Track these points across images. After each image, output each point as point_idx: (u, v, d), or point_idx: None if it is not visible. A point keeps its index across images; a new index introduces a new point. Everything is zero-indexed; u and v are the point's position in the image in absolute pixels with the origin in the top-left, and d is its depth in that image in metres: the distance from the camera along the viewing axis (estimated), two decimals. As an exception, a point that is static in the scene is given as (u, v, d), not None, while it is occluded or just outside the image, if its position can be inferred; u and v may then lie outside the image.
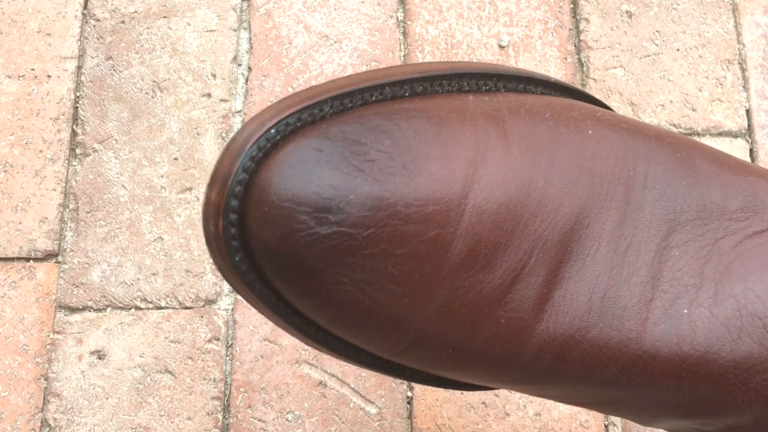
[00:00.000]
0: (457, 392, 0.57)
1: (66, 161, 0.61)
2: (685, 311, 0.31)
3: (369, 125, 0.27)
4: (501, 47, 0.65)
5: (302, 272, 0.27)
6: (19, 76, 0.63)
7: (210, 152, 0.62)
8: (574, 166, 0.30)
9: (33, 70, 0.63)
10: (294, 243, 0.26)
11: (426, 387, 0.57)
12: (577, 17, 0.67)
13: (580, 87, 0.65)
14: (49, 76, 0.63)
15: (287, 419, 0.56)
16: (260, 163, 0.26)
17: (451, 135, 0.28)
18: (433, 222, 0.27)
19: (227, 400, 0.56)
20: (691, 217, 0.32)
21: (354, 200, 0.26)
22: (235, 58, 0.64)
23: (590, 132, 0.31)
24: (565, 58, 0.65)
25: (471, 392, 0.57)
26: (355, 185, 0.26)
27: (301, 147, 0.26)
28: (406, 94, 0.29)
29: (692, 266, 0.32)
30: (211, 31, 0.65)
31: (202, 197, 0.61)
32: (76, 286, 0.59)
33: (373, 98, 0.28)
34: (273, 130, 0.26)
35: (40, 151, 0.61)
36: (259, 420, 0.56)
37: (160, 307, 0.58)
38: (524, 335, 0.30)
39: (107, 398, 0.56)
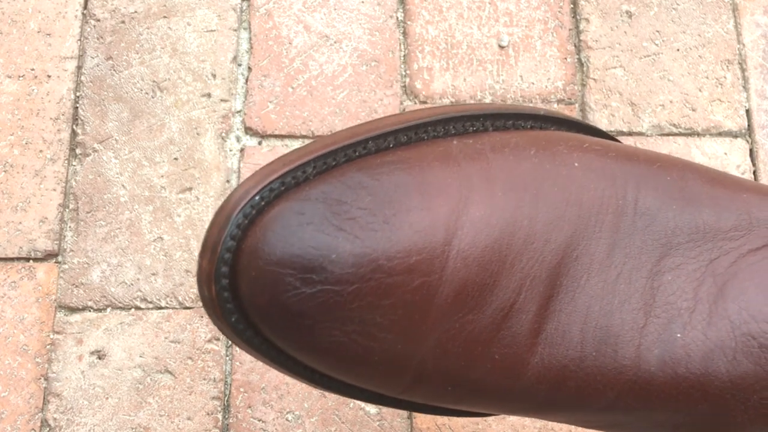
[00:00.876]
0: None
1: (66, 161, 0.61)
2: (678, 335, 0.31)
3: (350, 183, 0.28)
4: (501, 47, 0.65)
5: (294, 329, 0.28)
6: (19, 76, 0.63)
7: (210, 152, 0.62)
8: (560, 200, 0.31)
9: (33, 70, 0.63)
10: (282, 303, 0.27)
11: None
12: (577, 17, 0.67)
13: (580, 86, 0.65)
14: (49, 76, 0.63)
15: (287, 419, 0.56)
16: (246, 230, 0.28)
17: (433, 184, 0.29)
18: (417, 271, 0.28)
19: (227, 400, 0.56)
20: (683, 240, 0.32)
21: (336, 259, 0.27)
22: (235, 58, 0.64)
23: (576, 164, 0.32)
24: (565, 58, 0.65)
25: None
26: (336, 245, 0.27)
27: (283, 212, 0.27)
28: (391, 146, 0.30)
29: (685, 289, 0.32)
30: (211, 31, 0.65)
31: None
32: (76, 286, 0.59)
33: (357, 154, 0.29)
34: (257, 197, 0.28)
35: (40, 151, 0.61)
36: (259, 420, 0.56)
37: (160, 307, 0.58)
38: (519, 369, 0.31)
39: (107, 398, 0.56)
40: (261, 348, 0.30)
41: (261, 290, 0.27)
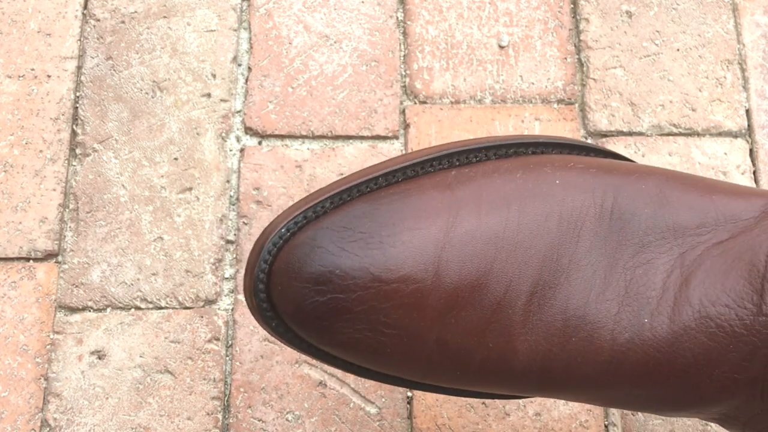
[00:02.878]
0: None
1: (66, 161, 0.61)
2: (646, 320, 0.36)
3: (356, 213, 0.35)
4: (501, 47, 0.65)
5: (316, 329, 0.35)
6: (19, 76, 0.63)
7: (210, 152, 0.62)
8: (541, 213, 0.36)
9: (33, 70, 0.63)
10: (304, 310, 0.34)
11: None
12: (577, 17, 0.67)
13: (580, 86, 0.65)
14: (49, 76, 0.63)
15: (287, 419, 0.56)
16: (275, 256, 0.35)
17: (426, 208, 0.35)
18: (410, 279, 0.34)
19: (227, 400, 0.56)
20: (655, 239, 0.37)
21: (340, 273, 0.34)
22: (235, 58, 0.64)
23: (557, 182, 0.37)
24: (565, 58, 0.65)
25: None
26: (339, 262, 0.34)
27: (302, 239, 0.34)
28: (399, 180, 0.36)
29: (654, 281, 0.36)
30: (211, 31, 0.65)
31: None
32: (76, 286, 0.59)
33: (368, 189, 0.36)
34: (284, 229, 0.35)
35: (40, 151, 0.61)
36: (259, 420, 0.56)
37: (160, 307, 0.58)
38: (511, 355, 0.36)
39: (107, 398, 0.56)
40: (302, 346, 0.36)
41: (287, 301, 0.34)
